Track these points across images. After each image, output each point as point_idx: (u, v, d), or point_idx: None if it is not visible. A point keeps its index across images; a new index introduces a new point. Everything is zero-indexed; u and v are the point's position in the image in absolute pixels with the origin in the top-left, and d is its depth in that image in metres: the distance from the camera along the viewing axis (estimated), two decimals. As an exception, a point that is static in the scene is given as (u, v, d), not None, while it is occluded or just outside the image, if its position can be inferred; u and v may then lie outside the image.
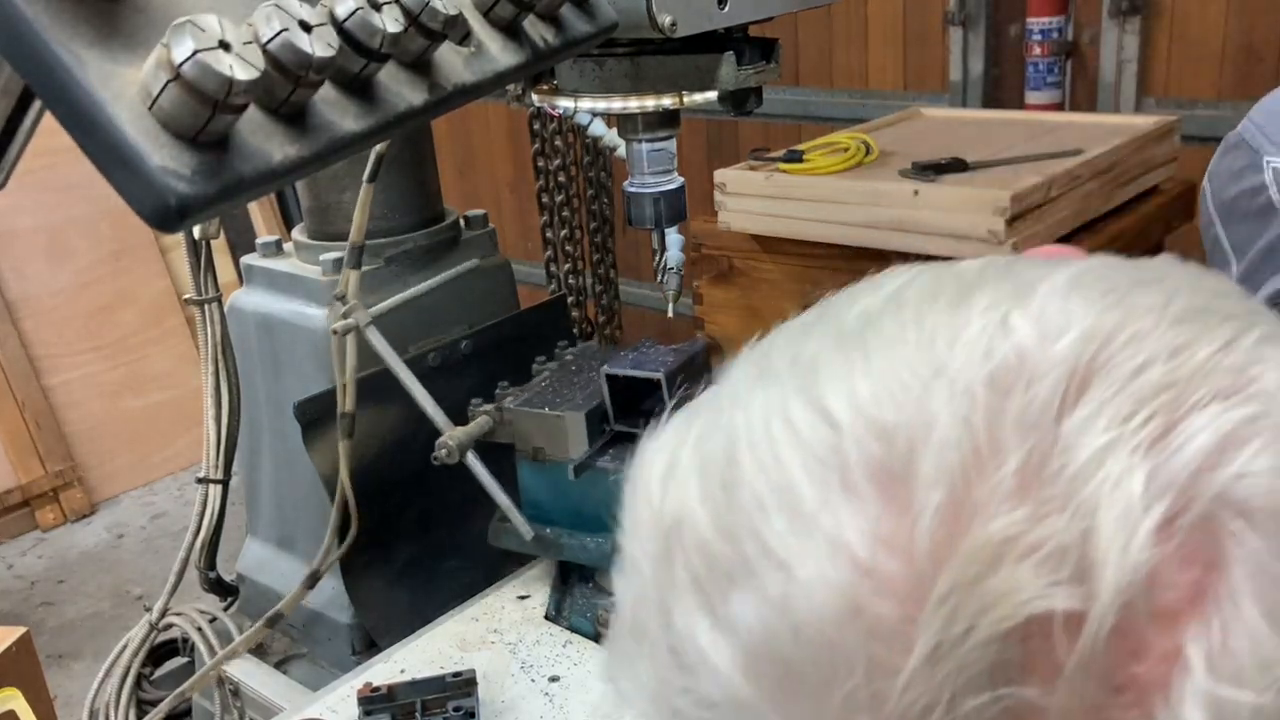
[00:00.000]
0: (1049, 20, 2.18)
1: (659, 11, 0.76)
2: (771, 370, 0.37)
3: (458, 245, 1.46)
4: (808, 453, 0.32)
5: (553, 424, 1.15)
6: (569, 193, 2.27)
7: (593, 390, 1.18)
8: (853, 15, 2.51)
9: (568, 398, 1.18)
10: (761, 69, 0.90)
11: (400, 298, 1.32)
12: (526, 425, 1.17)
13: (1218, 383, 0.31)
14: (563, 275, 2.31)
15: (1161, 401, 0.30)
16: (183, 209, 0.40)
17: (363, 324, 1.20)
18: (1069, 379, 0.31)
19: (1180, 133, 1.69)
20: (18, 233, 3.01)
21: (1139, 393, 0.30)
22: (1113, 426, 0.30)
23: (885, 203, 1.48)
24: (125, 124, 0.39)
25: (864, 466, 0.31)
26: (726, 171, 1.64)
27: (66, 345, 3.09)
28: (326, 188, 1.39)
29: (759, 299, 1.71)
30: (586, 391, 1.19)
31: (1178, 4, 2.10)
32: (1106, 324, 0.32)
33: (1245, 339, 0.32)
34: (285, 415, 1.26)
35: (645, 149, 0.94)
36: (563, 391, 1.20)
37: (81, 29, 0.40)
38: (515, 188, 3.32)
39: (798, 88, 2.63)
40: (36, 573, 2.87)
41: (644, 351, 1.18)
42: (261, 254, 1.45)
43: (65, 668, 2.39)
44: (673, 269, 1.59)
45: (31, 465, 3.01)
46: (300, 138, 0.45)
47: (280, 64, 0.43)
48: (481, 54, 0.57)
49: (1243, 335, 0.32)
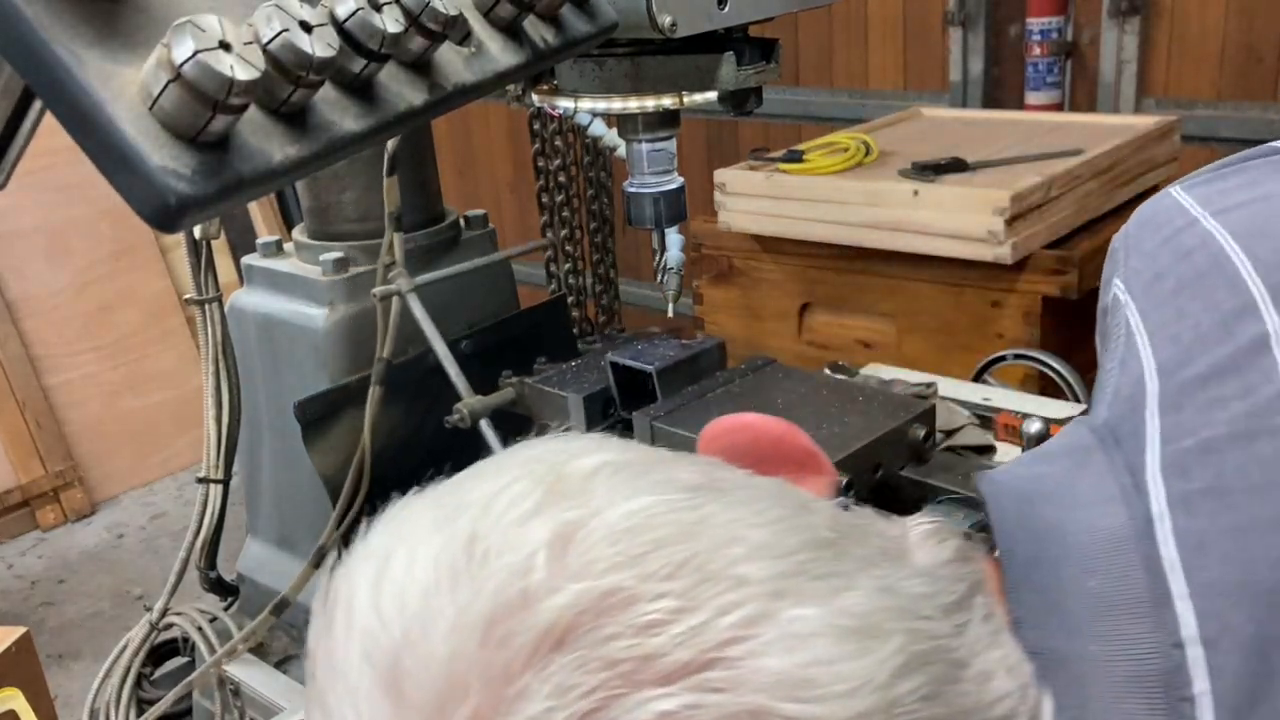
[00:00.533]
0: (1049, 20, 2.19)
1: (659, 12, 0.77)
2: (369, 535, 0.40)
3: (458, 245, 1.46)
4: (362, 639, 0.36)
5: (557, 403, 1.18)
6: (569, 193, 2.27)
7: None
8: (853, 15, 2.51)
9: (586, 380, 1.20)
10: (761, 69, 0.90)
11: (444, 272, 1.34)
12: (537, 402, 1.20)
13: (674, 661, 0.32)
14: (563, 275, 2.31)
15: (607, 677, 0.32)
16: (183, 209, 0.40)
17: (405, 290, 1.22)
18: (544, 638, 0.33)
19: (1180, 133, 1.70)
20: (18, 233, 3.01)
21: (596, 664, 0.32)
22: (554, 696, 0.32)
23: (885, 203, 1.49)
24: (125, 124, 0.39)
25: (385, 669, 0.35)
26: (726, 171, 1.64)
27: (67, 345, 3.09)
28: (326, 188, 1.38)
29: (759, 299, 1.71)
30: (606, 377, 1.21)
31: (1177, 4, 2.10)
32: (607, 583, 0.34)
33: (742, 610, 0.34)
34: (285, 415, 1.26)
35: (645, 149, 0.94)
36: (585, 374, 1.22)
37: (82, 29, 0.40)
38: (515, 188, 3.32)
39: (798, 88, 2.63)
40: (37, 573, 2.87)
41: (654, 344, 1.20)
42: (262, 254, 1.45)
43: (65, 667, 2.39)
44: (673, 269, 1.59)
45: (32, 465, 3.01)
46: (300, 138, 0.45)
47: (281, 64, 0.43)
48: (482, 54, 0.57)
49: (743, 606, 0.34)
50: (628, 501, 0.37)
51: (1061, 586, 0.43)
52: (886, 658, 0.35)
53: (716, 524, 0.37)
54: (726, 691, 0.32)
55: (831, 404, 1.02)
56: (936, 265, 1.49)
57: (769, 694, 0.33)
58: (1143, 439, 0.47)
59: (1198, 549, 0.42)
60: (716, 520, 0.37)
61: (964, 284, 1.49)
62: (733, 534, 0.36)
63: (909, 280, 1.54)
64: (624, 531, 0.35)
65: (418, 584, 0.35)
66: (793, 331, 1.69)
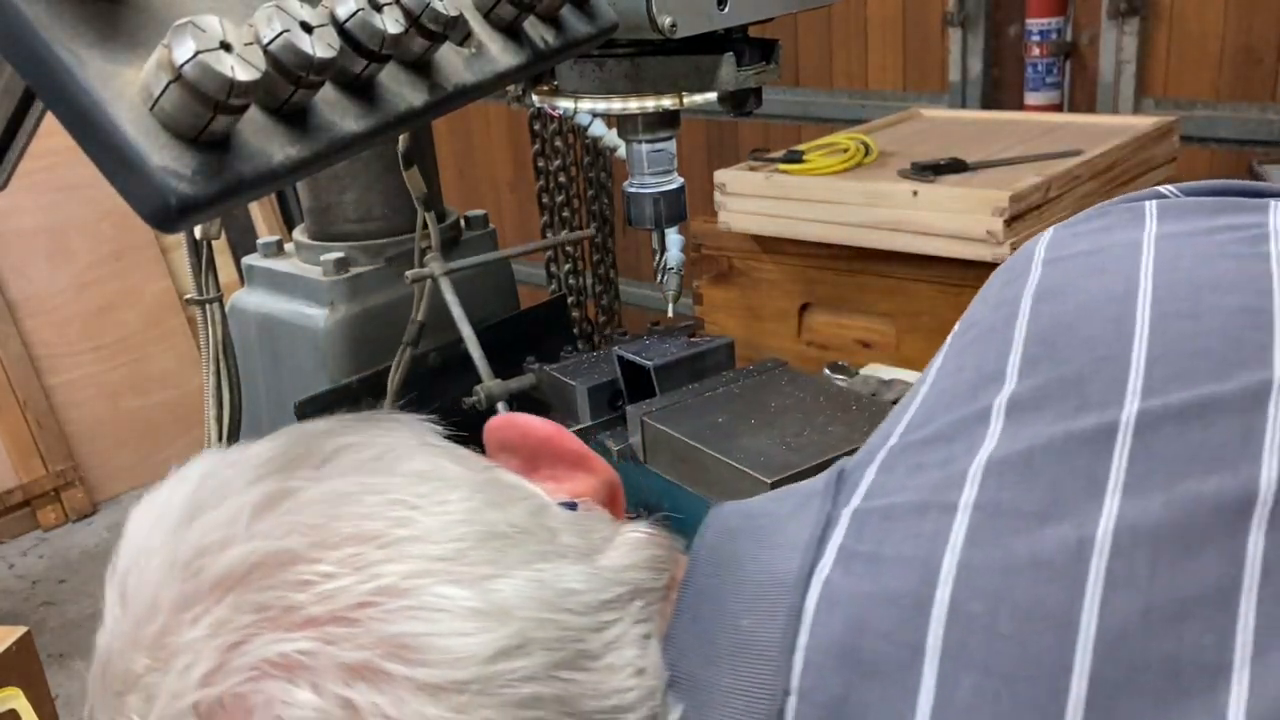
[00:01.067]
0: (1048, 21, 2.19)
1: (659, 12, 0.77)
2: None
3: (458, 245, 1.46)
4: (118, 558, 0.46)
5: (565, 391, 1.19)
6: (569, 193, 2.27)
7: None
8: (853, 16, 2.51)
9: (599, 372, 1.21)
10: (761, 70, 0.90)
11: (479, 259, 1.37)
12: (550, 389, 1.22)
13: (308, 614, 0.40)
14: (563, 275, 2.32)
15: (255, 619, 0.40)
16: (183, 209, 0.40)
17: (438, 274, 1.25)
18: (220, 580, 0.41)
19: (1179, 133, 1.70)
20: (19, 233, 3.01)
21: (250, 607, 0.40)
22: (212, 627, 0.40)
23: (885, 203, 1.49)
24: (126, 124, 0.39)
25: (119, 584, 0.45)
26: (726, 172, 1.64)
27: (68, 345, 3.09)
28: (327, 188, 1.39)
29: (759, 299, 1.71)
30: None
31: (1176, 5, 2.10)
32: (281, 545, 0.41)
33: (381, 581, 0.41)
34: (286, 415, 1.26)
35: (645, 149, 0.94)
36: (601, 365, 1.23)
37: (82, 29, 0.40)
38: (515, 188, 3.32)
39: (798, 88, 2.63)
40: (38, 572, 2.87)
41: (664, 341, 1.21)
42: (262, 254, 1.45)
43: (66, 667, 2.39)
44: (673, 269, 1.59)
45: (33, 465, 3.01)
46: (301, 138, 0.45)
47: (281, 65, 0.43)
48: (482, 55, 0.57)
49: (384, 578, 0.41)
50: (336, 481, 0.44)
51: (720, 619, 0.46)
52: (501, 639, 0.40)
53: (400, 509, 0.43)
54: (340, 644, 0.39)
55: (822, 411, 1.02)
56: (936, 265, 1.49)
57: (375, 651, 0.39)
58: (853, 492, 0.48)
59: (830, 607, 0.44)
60: (402, 506, 0.43)
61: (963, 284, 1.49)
62: (408, 519, 0.43)
63: (908, 280, 1.54)
64: (318, 504, 0.43)
65: (159, 520, 0.44)
66: (792, 332, 1.69)
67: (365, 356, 1.29)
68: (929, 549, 0.43)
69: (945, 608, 0.41)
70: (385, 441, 0.47)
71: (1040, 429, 0.45)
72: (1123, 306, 0.48)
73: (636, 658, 0.44)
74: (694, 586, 0.49)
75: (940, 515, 0.44)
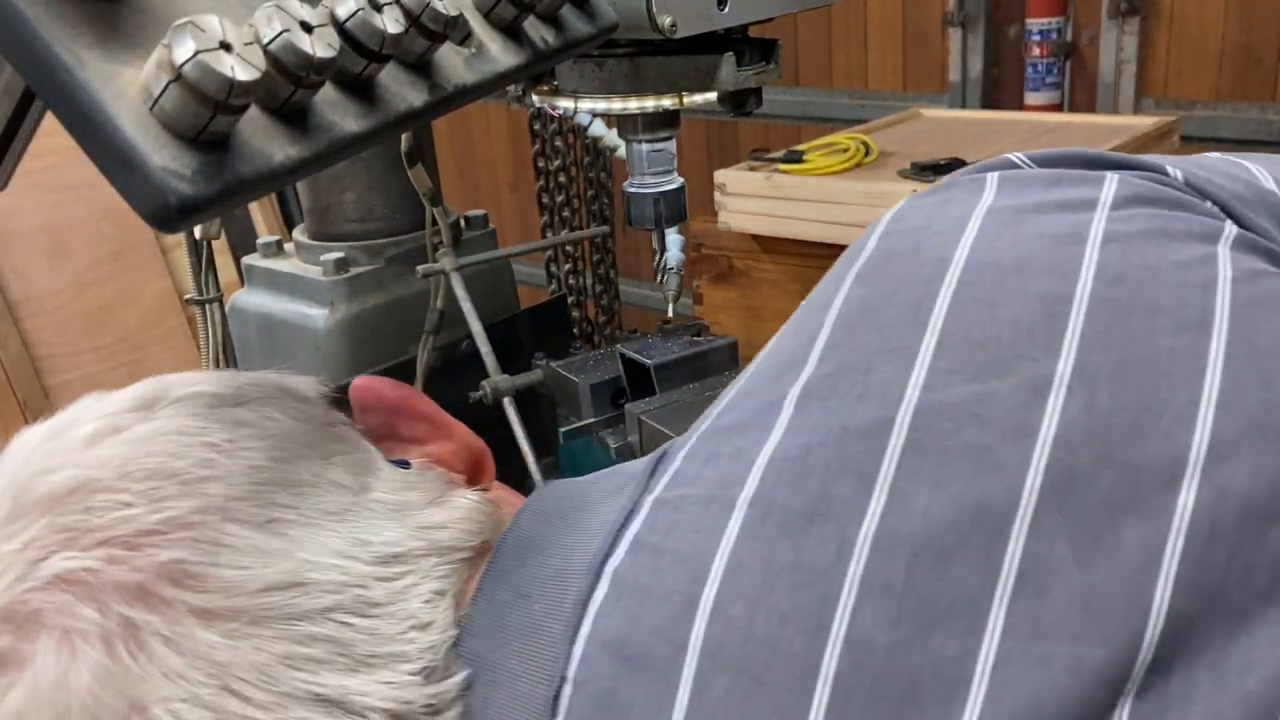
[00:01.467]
0: (1048, 21, 2.19)
1: (659, 12, 0.77)
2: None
3: (458, 245, 1.46)
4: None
5: (568, 387, 1.20)
6: (569, 193, 2.27)
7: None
8: (853, 16, 2.51)
9: (603, 369, 1.21)
10: (761, 70, 0.90)
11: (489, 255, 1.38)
12: (554, 385, 1.23)
13: (100, 536, 0.43)
14: (563, 275, 2.32)
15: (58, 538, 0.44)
16: (184, 209, 0.40)
17: (449, 268, 1.26)
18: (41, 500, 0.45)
19: (1179, 133, 1.70)
20: (18, 233, 3.01)
21: (56, 527, 0.44)
22: (25, 541, 0.44)
23: (885, 203, 1.48)
24: (126, 124, 0.39)
25: None
26: (726, 172, 1.64)
27: (68, 345, 3.09)
28: (327, 188, 1.39)
29: (759, 299, 1.71)
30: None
31: (1176, 5, 2.10)
32: (94, 474, 0.45)
33: (170, 513, 0.44)
34: (286, 415, 1.26)
35: (645, 149, 0.94)
36: (606, 362, 1.23)
37: (82, 29, 0.40)
38: (515, 188, 3.32)
39: (798, 88, 2.63)
40: (37, 573, 2.87)
41: (668, 340, 1.21)
42: (262, 254, 1.45)
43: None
44: (673, 269, 1.59)
45: (32, 465, 3.01)
46: (301, 138, 0.45)
47: (281, 65, 0.43)
48: (482, 55, 0.57)
49: (173, 510, 0.44)
50: (162, 422, 0.47)
51: (514, 601, 0.47)
52: (276, 574, 0.43)
53: (207, 451, 0.46)
54: (120, 565, 0.42)
55: None
56: (936, 265, 1.49)
57: (153, 574, 0.42)
58: (660, 478, 0.48)
59: (615, 598, 0.44)
60: (210, 449, 0.46)
61: (964, 284, 1.49)
62: (212, 460, 0.46)
63: (909, 280, 1.55)
64: (140, 441, 0.46)
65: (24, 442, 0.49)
66: (793, 332, 1.69)
67: (365, 356, 1.29)
68: (704, 546, 0.43)
69: (710, 607, 0.41)
70: (240, 394, 0.50)
71: (821, 420, 0.43)
72: (925, 290, 0.46)
73: (421, 610, 0.46)
74: (495, 569, 0.49)
75: (720, 511, 0.43)
